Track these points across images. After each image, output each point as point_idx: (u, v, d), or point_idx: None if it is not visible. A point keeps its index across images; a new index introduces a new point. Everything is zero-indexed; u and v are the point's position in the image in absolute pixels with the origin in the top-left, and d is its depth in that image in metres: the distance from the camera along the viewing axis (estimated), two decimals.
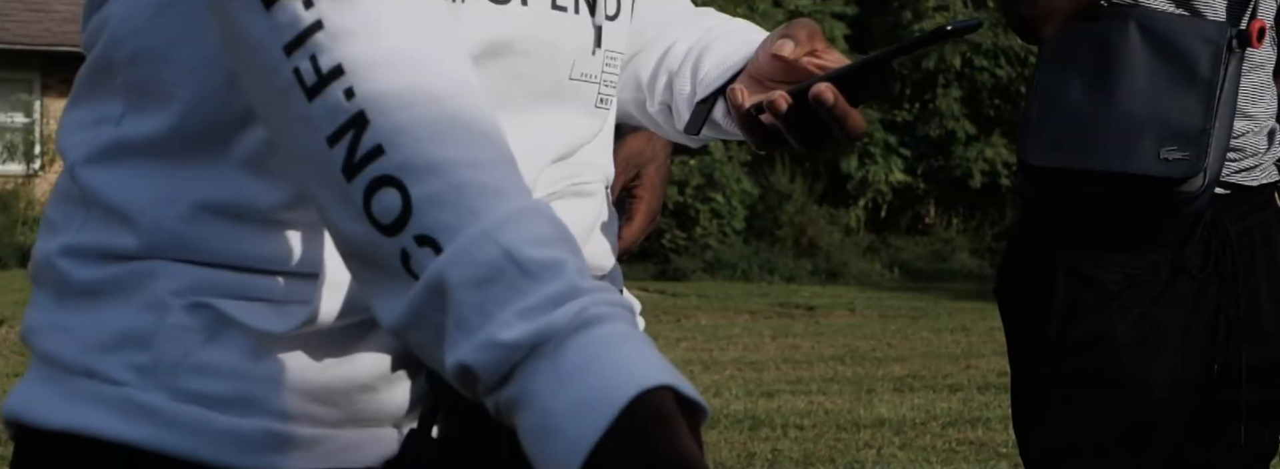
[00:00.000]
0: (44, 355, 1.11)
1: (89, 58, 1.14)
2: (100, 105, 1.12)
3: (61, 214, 1.13)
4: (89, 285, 1.09)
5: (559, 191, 1.19)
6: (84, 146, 1.11)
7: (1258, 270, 2.18)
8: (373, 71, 0.92)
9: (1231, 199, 2.15)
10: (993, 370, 8.73)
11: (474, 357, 0.87)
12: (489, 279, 0.88)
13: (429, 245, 0.90)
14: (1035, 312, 2.13)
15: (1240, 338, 2.15)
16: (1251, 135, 2.15)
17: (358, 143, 0.91)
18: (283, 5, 0.94)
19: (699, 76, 1.31)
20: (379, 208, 0.91)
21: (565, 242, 0.91)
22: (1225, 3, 2.10)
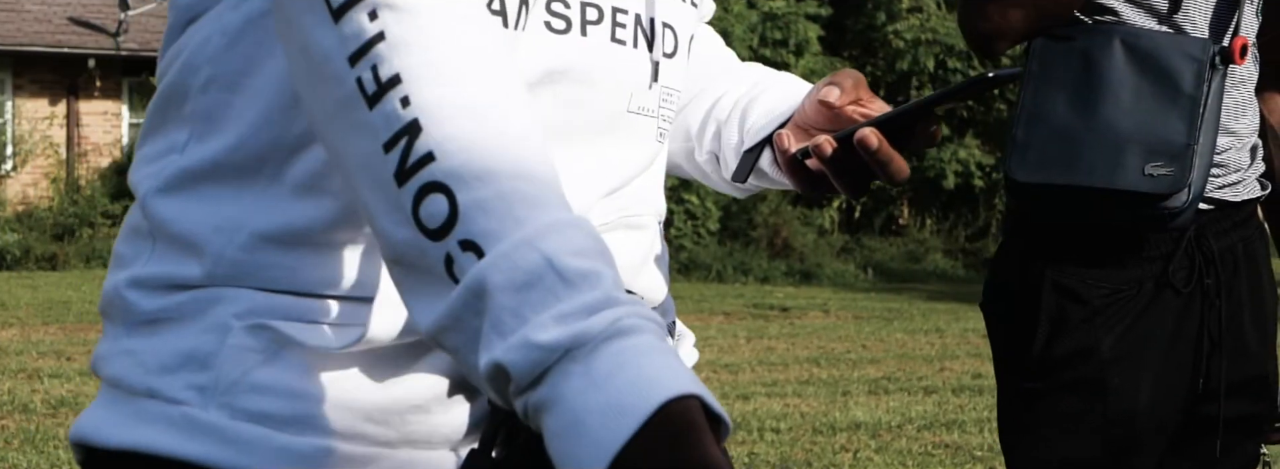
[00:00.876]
0: (110, 379, 1.15)
1: (160, 88, 1.18)
2: (168, 136, 1.16)
3: (130, 248, 1.17)
4: (154, 314, 1.12)
5: (611, 223, 1.21)
6: (152, 178, 1.15)
7: (1240, 285, 2.20)
8: (428, 82, 0.95)
9: (1215, 214, 2.17)
10: (967, 372, 8.76)
11: (508, 356, 0.89)
12: (528, 284, 0.90)
13: (472, 250, 0.92)
14: (1021, 326, 2.14)
15: (1222, 352, 2.17)
16: (1234, 151, 2.17)
17: (411, 149, 0.94)
18: (350, 18, 0.97)
19: (746, 126, 1.35)
20: (426, 213, 0.93)
21: (603, 255, 0.93)
22: (1207, 20, 2.12)
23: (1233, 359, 2.18)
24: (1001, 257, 2.23)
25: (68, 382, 7.77)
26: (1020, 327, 2.14)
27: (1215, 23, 2.12)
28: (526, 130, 0.97)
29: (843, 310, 13.06)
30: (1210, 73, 2.06)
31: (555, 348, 0.88)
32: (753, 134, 1.34)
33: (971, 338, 10.75)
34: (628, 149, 1.22)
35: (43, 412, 6.87)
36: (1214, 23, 2.11)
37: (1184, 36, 2.09)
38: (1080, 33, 2.08)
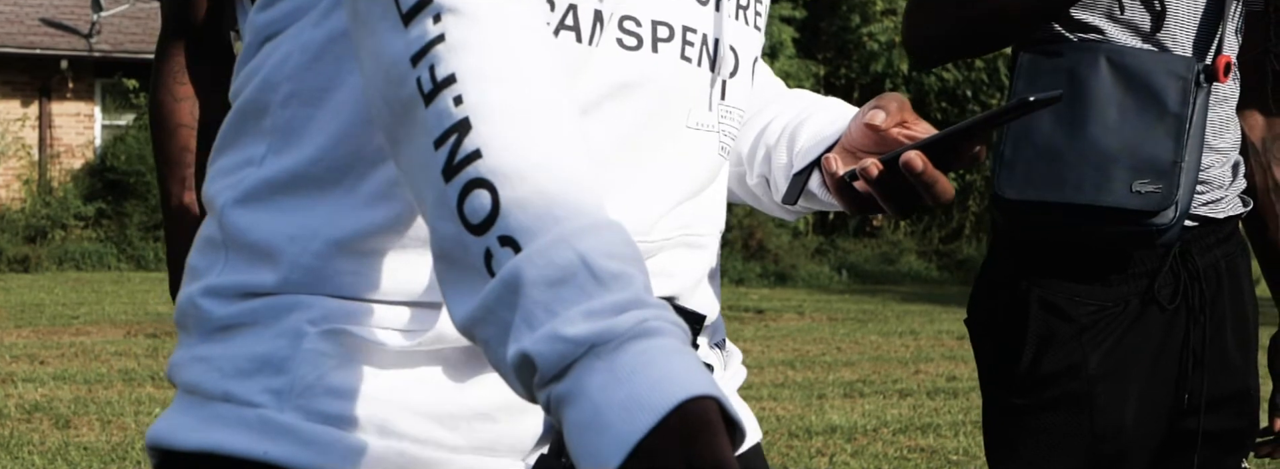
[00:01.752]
0: (186, 386, 1.18)
1: (237, 104, 1.21)
2: (245, 149, 1.20)
3: (203, 260, 1.21)
4: (228, 320, 1.16)
5: (674, 239, 1.26)
6: (230, 190, 1.19)
7: (1223, 301, 2.21)
8: (481, 83, 0.99)
9: (1199, 231, 2.18)
10: (941, 375, 8.78)
11: (536, 347, 0.91)
12: (561, 280, 0.92)
13: (510, 246, 0.94)
14: (1008, 342, 2.15)
15: (1205, 368, 2.18)
16: (1217, 168, 2.18)
17: (459, 146, 0.97)
18: (417, 21, 1.01)
19: (795, 149, 1.39)
20: (470, 208, 0.96)
21: (636, 260, 0.96)
22: (1191, 38, 2.13)
23: (1215, 374, 2.20)
24: (987, 273, 2.24)
25: (41, 386, 7.74)
26: (1007, 343, 2.15)
27: (1198, 41, 2.13)
28: (570, 135, 1.00)
29: (817, 312, 13.09)
30: (1195, 91, 2.07)
31: (582, 342, 0.90)
32: (801, 157, 1.39)
33: (946, 340, 10.78)
34: (691, 164, 1.26)
35: (16, 416, 6.84)
36: (1197, 41, 2.13)
37: (1169, 55, 2.11)
38: (1066, 50, 2.10)
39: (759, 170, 1.44)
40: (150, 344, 9.57)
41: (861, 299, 14.88)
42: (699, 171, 1.27)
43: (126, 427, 6.59)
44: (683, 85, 1.23)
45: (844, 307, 13.80)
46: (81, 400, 7.27)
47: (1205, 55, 2.12)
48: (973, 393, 7.93)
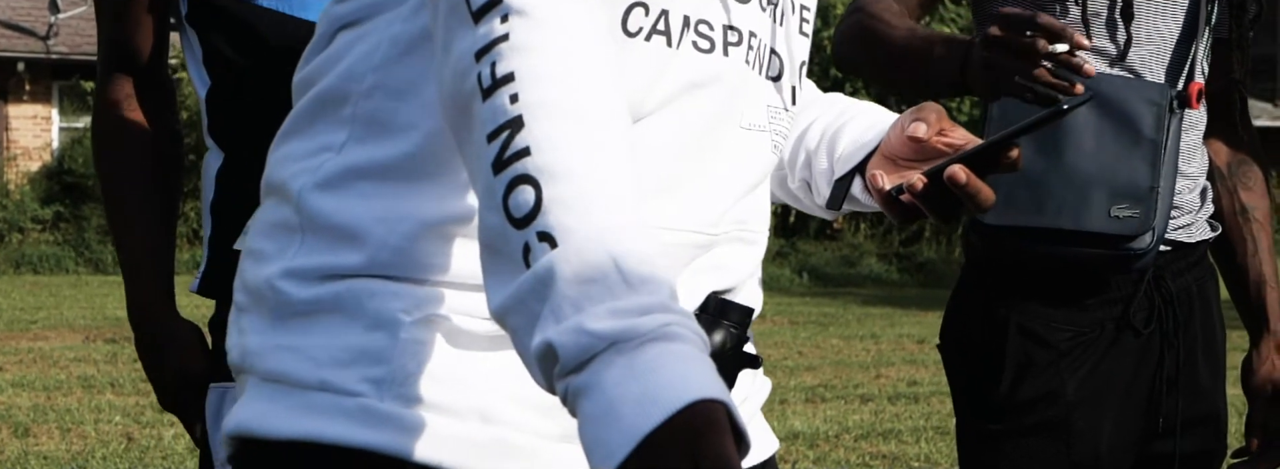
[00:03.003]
0: (271, 374, 1.19)
1: (314, 90, 1.25)
2: (320, 136, 1.23)
3: (272, 243, 1.23)
4: (309, 304, 1.19)
5: (731, 234, 1.31)
6: (307, 174, 1.22)
7: (1194, 325, 2.24)
8: (538, 84, 1.02)
9: (1171, 256, 2.21)
10: (902, 379, 8.81)
11: (560, 338, 0.95)
12: (592, 279, 0.96)
13: (547, 241, 0.98)
14: (985, 368, 2.16)
15: (1177, 391, 2.20)
16: (1188, 193, 2.21)
17: (510, 142, 1.01)
18: (486, 19, 1.05)
19: (836, 155, 1.45)
20: (514, 202, 1.00)
21: (665, 266, 0.99)
22: (1163, 65, 2.16)
23: (1187, 397, 2.22)
24: (961, 297, 2.25)
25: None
26: (984, 368, 2.17)
27: (1170, 68, 2.16)
28: (618, 141, 1.03)
29: (779, 315, 13.11)
30: (1169, 117, 2.09)
31: (605, 337, 0.93)
32: (842, 163, 1.45)
33: (906, 344, 10.81)
34: (748, 162, 1.32)
35: None
36: (1169, 68, 2.15)
37: (1143, 81, 2.13)
38: None
39: (800, 174, 1.50)
40: (109, 350, 9.50)
41: (822, 302, 14.91)
42: (754, 169, 1.33)
43: (87, 435, 6.55)
44: (746, 88, 1.29)
45: (805, 310, 13.83)
46: (40, 408, 7.22)
47: (1177, 82, 2.15)
48: (933, 398, 7.96)
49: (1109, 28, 2.13)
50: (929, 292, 16.18)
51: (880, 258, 19.17)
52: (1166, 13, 2.15)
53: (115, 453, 6.15)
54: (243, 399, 1.22)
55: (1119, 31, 2.12)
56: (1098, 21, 2.12)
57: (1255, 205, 2.34)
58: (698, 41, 1.25)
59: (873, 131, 1.44)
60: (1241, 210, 2.34)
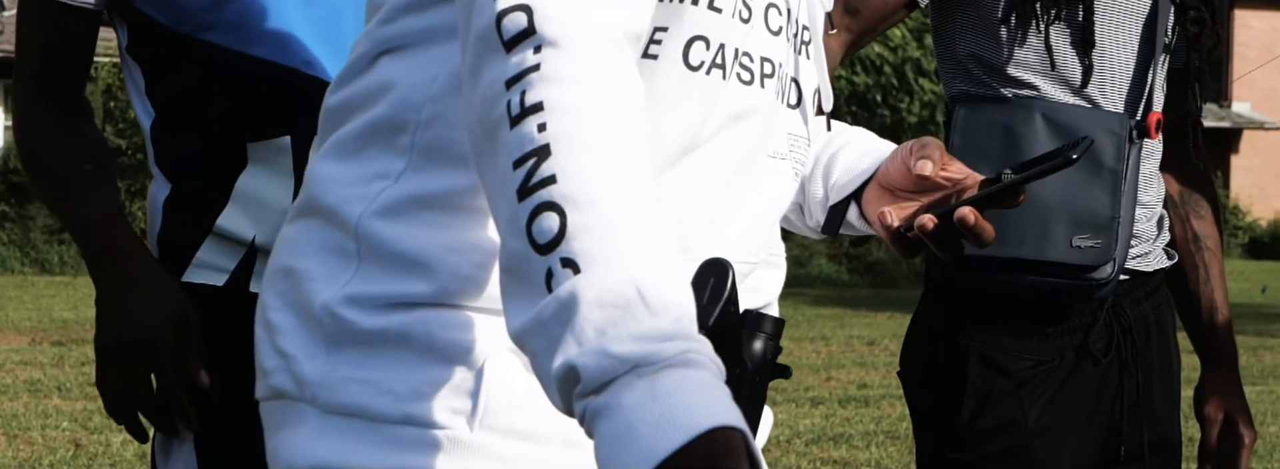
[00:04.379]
0: (343, 408, 1.20)
1: (362, 117, 1.26)
2: (374, 163, 1.25)
3: (320, 265, 1.24)
4: (376, 333, 1.20)
5: (761, 261, 1.35)
6: (363, 201, 1.23)
7: (1151, 353, 2.27)
8: (566, 115, 1.04)
9: (1129, 284, 2.23)
10: (853, 382, 8.83)
11: (583, 360, 0.97)
12: (615, 304, 0.98)
13: (571, 267, 1.00)
14: (947, 397, 2.17)
15: (1134, 419, 2.22)
16: (1145, 222, 2.23)
17: (536, 170, 1.03)
18: (519, 49, 1.07)
19: (831, 182, 1.49)
20: (539, 229, 1.02)
21: (686, 293, 1.01)
22: (1122, 95, 2.17)
23: (1144, 424, 2.24)
24: (922, 324, 2.26)
25: None
26: (944, 397, 2.18)
27: (1129, 98, 2.18)
28: (643, 170, 1.05)
29: None
30: (1129, 147, 2.11)
31: (626, 361, 0.96)
32: (837, 191, 1.49)
33: (856, 345, 10.85)
34: (777, 189, 1.37)
35: None
36: (1128, 98, 2.18)
37: (1102, 111, 2.15)
38: (1001, 106, 2.12)
39: (794, 198, 1.52)
40: (56, 353, 9.41)
41: None
42: (782, 197, 1.38)
43: (33, 441, 6.48)
44: (775, 117, 1.34)
45: None
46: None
47: (1136, 111, 2.17)
48: (883, 401, 7.99)
49: (1069, 57, 2.14)
50: (879, 292, 16.24)
51: (830, 258, 19.22)
52: (1124, 42, 2.17)
53: (63, 460, 6.09)
54: (307, 433, 1.22)
55: (1079, 60, 2.14)
56: (1059, 50, 2.13)
57: (1207, 234, 2.37)
58: (741, 73, 1.29)
59: (867, 160, 1.48)
60: (1194, 239, 2.37)
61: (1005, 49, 2.14)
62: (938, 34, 2.23)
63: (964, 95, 2.19)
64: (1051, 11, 2.11)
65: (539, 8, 1.07)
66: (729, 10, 1.27)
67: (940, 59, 2.24)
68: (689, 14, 1.25)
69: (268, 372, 1.26)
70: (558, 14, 1.07)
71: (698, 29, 1.26)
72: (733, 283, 1.20)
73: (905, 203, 1.43)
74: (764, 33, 1.31)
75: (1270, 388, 8.98)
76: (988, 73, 2.16)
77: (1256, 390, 8.63)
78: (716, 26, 1.27)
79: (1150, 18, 2.18)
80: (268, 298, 1.29)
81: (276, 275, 1.29)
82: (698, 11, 1.26)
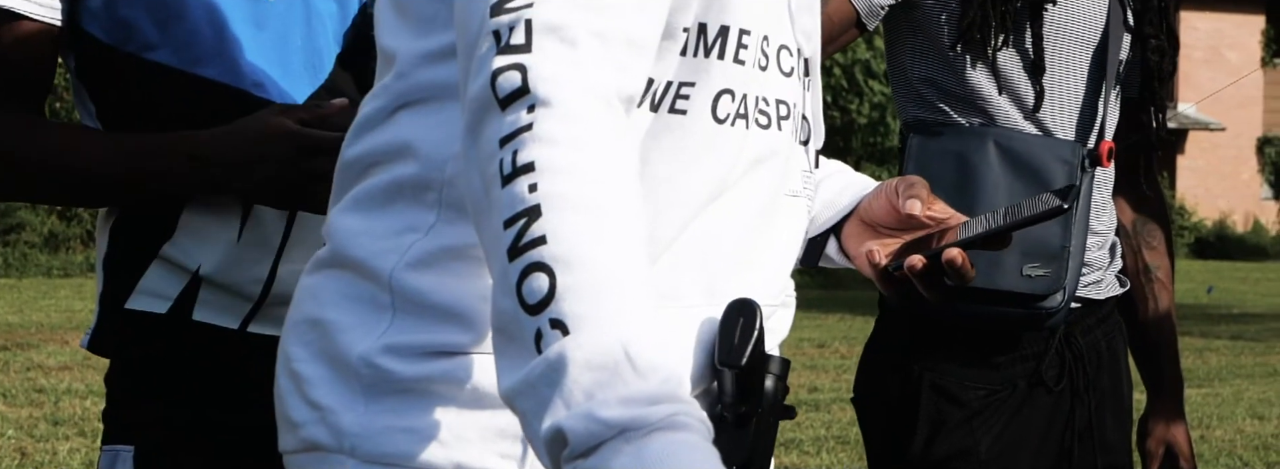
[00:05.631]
0: (387, 458, 1.21)
1: (386, 175, 1.27)
2: (402, 217, 1.26)
3: (350, 316, 1.25)
4: (417, 380, 1.21)
5: (780, 302, 1.36)
6: (393, 254, 1.25)
7: (1103, 380, 2.28)
8: (556, 175, 1.05)
9: (1081, 312, 2.24)
10: (803, 386, 8.83)
11: (571, 424, 0.97)
12: (603, 366, 0.98)
13: (559, 328, 1.00)
14: (899, 425, 2.18)
15: (1086, 446, 2.24)
16: (1096, 250, 2.24)
17: (526, 230, 1.03)
18: (514, 107, 1.08)
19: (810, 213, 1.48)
20: (528, 289, 1.02)
21: (674, 352, 1.02)
22: (1074, 123, 2.19)
23: (1096, 451, 2.26)
24: (875, 352, 2.26)
25: None
26: (898, 425, 2.18)
27: (1080, 126, 2.19)
28: (632, 231, 1.06)
29: None
30: (1081, 175, 2.11)
31: (614, 425, 0.96)
32: (816, 226, 1.49)
33: (806, 348, 10.86)
34: (795, 228, 1.38)
35: None
36: (1079, 126, 2.19)
37: (1055, 139, 2.16)
38: (954, 134, 2.14)
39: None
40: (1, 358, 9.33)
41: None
42: (799, 235, 1.39)
43: None
44: (791, 157, 1.35)
45: None
46: None
47: (1088, 140, 2.18)
48: (834, 405, 8.01)
49: (1020, 82, 2.15)
50: (829, 293, 16.27)
51: None
52: (1075, 70, 2.19)
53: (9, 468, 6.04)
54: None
55: (1030, 86, 2.15)
56: (1008, 75, 2.14)
57: (1158, 265, 2.39)
58: (759, 118, 1.31)
59: (847, 195, 1.49)
60: (1144, 270, 2.39)
61: (956, 74, 2.15)
62: (890, 59, 2.24)
63: (918, 122, 2.20)
64: (1000, 37, 2.12)
65: (534, 67, 1.08)
66: (751, 61, 1.29)
67: (893, 84, 2.25)
68: (715, 69, 1.27)
69: (297, 424, 1.26)
70: (552, 75, 1.08)
71: (724, 82, 1.27)
72: (761, 323, 1.22)
73: (887, 239, 1.45)
74: (778, 76, 1.33)
75: (1215, 391, 9.05)
76: (940, 98, 2.17)
77: (1202, 393, 8.70)
78: (741, 78, 1.28)
79: (1100, 46, 2.19)
80: (292, 349, 1.28)
81: (302, 326, 1.28)
82: (723, 65, 1.27)
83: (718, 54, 1.27)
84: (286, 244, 1.82)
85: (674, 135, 1.26)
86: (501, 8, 1.11)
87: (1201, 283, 18.09)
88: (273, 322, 1.81)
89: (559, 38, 1.10)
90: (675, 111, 1.26)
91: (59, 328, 10.94)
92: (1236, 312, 15.07)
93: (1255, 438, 7.33)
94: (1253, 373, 10.02)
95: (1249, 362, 10.64)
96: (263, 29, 1.84)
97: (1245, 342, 12.02)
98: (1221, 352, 11.19)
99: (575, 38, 1.10)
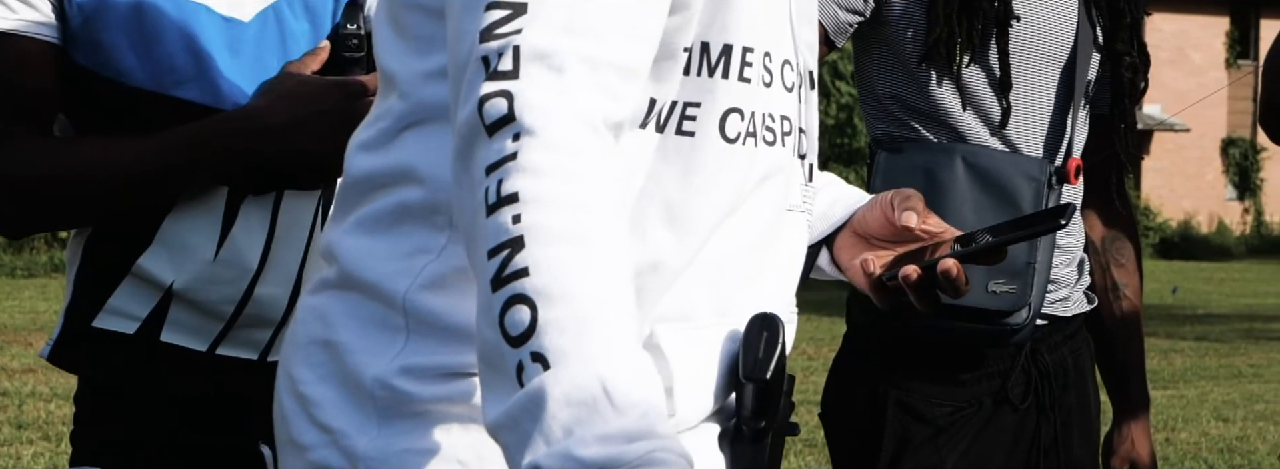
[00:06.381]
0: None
1: (393, 197, 1.27)
2: (411, 239, 1.25)
3: (362, 339, 1.24)
4: (436, 401, 1.21)
5: (788, 316, 1.35)
6: (405, 277, 1.24)
7: (1069, 397, 2.28)
8: (540, 207, 1.05)
9: (1048, 329, 2.24)
10: None
11: (549, 463, 0.98)
12: (581, 402, 0.99)
13: (540, 362, 1.01)
14: (866, 443, 2.18)
15: (1052, 463, 2.24)
16: (1064, 267, 2.24)
17: (510, 262, 1.04)
18: (499, 135, 1.07)
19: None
20: (511, 321, 1.03)
21: (655, 387, 1.02)
22: (1042, 140, 2.19)
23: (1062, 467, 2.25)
24: (842, 368, 2.26)
25: None
26: (863, 443, 2.18)
27: (1049, 142, 2.19)
28: (615, 264, 1.06)
29: None
30: (1047, 192, 2.12)
31: (590, 464, 0.97)
32: (809, 237, 1.47)
33: None
34: (799, 243, 1.39)
35: None
36: (1048, 143, 2.19)
37: (1022, 156, 2.16)
38: (922, 150, 2.14)
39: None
40: None
41: None
42: (802, 249, 1.40)
43: None
44: (795, 172, 1.36)
45: None
46: None
47: (1056, 156, 2.18)
48: (801, 408, 8.00)
49: (986, 98, 2.15)
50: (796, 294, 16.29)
51: None
52: (1043, 86, 2.19)
53: None
54: None
55: (997, 102, 2.15)
56: (975, 91, 2.14)
57: (1126, 282, 2.39)
58: (766, 135, 1.31)
59: (840, 207, 1.49)
60: (1113, 287, 2.39)
61: (922, 90, 2.15)
62: (859, 74, 2.24)
63: (887, 137, 2.20)
64: (966, 53, 2.13)
65: (520, 94, 1.08)
66: (756, 79, 1.29)
67: (862, 100, 2.25)
68: (721, 88, 1.26)
69: (305, 447, 1.25)
70: (538, 103, 1.08)
71: (731, 101, 1.27)
72: (783, 337, 1.23)
73: (881, 252, 1.45)
74: (781, 91, 1.33)
75: (1180, 393, 9.09)
76: (908, 113, 2.17)
77: (1167, 395, 8.74)
78: (747, 96, 1.28)
79: (1070, 63, 2.19)
80: (298, 372, 1.27)
81: (310, 348, 1.27)
82: (729, 84, 1.27)
83: (722, 73, 1.26)
84: (264, 266, 1.80)
85: (684, 157, 1.26)
86: (491, 33, 1.10)
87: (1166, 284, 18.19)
88: (242, 344, 1.81)
89: (547, 65, 1.09)
90: (683, 133, 1.26)
91: (22, 329, 10.88)
92: (1201, 313, 15.15)
93: (1220, 441, 7.37)
94: (1217, 374, 10.07)
95: (1214, 363, 10.69)
96: (238, 51, 1.82)
97: (1210, 343, 12.09)
98: (1186, 353, 11.25)
99: (563, 65, 1.09)
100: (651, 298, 1.24)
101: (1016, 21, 2.13)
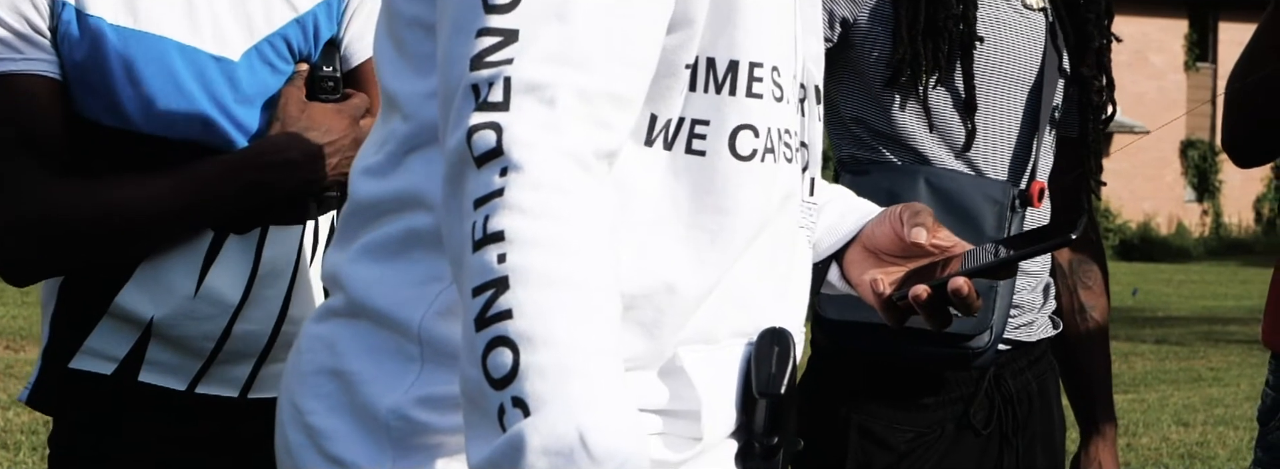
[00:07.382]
0: None
1: (401, 222, 1.24)
2: (422, 265, 1.23)
3: (375, 368, 1.22)
4: (451, 432, 1.19)
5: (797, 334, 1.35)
6: (420, 305, 1.22)
7: (1033, 423, 2.27)
8: (525, 248, 1.04)
9: (1012, 354, 2.23)
10: None
11: None
12: (558, 452, 1.00)
13: (521, 407, 1.01)
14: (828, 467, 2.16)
15: None
16: (1029, 292, 2.23)
17: (494, 302, 1.03)
18: (487, 168, 1.06)
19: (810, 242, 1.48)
20: (493, 363, 1.03)
21: (633, 434, 1.03)
22: (1006, 161, 2.18)
23: None
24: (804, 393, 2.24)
25: None
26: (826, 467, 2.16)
27: (1013, 165, 2.18)
28: (599, 307, 1.05)
29: None
30: (1011, 215, 2.11)
31: None
32: (817, 253, 1.48)
33: None
34: (808, 258, 1.39)
35: None
36: (1012, 165, 2.18)
37: (985, 179, 2.15)
38: (885, 171, 2.13)
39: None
40: None
41: None
42: (809, 266, 1.39)
43: None
44: (799, 189, 1.35)
45: None
46: None
47: (1020, 179, 2.17)
48: None
49: (951, 121, 2.14)
50: None
51: None
52: (1009, 110, 2.18)
53: None
54: None
55: (961, 125, 2.14)
56: (940, 114, 2.13)
57: (1093, 305, 2.38)
58: (785, 152, 1.30)
59: (849, 221, 1.48)
60: (1079, 310, 2.38)
61: (886, 113, 2.14)
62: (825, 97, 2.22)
63: (852, 159, 2.19)
64: (931, 76, 2.11)
65: (509, 127, 1.06)
66: (767, 94, 1.27)
67: (828, 122, 2.23)
68: (729, 105, 1.24)
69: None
70: (526, 138, 1.06)
71: (741, 118, 1.25)
72: (795, 353, 1.23)
73: (890, 267, 1.44)
74: (790, 106, 1.31)
75: (1141, 396, 9.13)
76: (872, 136, 2.16)
77: (1128, 399, 8.77)
78: (760, 112, 1.26)
79: (1036, 86, 2.18)
80: (305, 402, 1.25)
81: (317, 378, 1.25)
82: (738, 101, 1.25)
83: (731, 90, 1.25)
84: (246, 302, 1.78)
85: (694, 176, 1.24)
86: (482, 61, 1.10)
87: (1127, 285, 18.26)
88: (222, 382, 1.79)
89: (538, 98, 1.07)
90: (693, 152, 1.24)
91: None
92: (1161, 315, 15.22)
93: (1181, 445, 7.40)
94: (1177, 378, 10.11)
95: (1174, 367, 10.74)
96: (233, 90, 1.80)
97: (1170, 346, 12.15)
98: (1146, 356, 11.30)
99: (554, 98, 1.08)
100: (673, 321, 1.23)
101: (981, 43, 2.12)
